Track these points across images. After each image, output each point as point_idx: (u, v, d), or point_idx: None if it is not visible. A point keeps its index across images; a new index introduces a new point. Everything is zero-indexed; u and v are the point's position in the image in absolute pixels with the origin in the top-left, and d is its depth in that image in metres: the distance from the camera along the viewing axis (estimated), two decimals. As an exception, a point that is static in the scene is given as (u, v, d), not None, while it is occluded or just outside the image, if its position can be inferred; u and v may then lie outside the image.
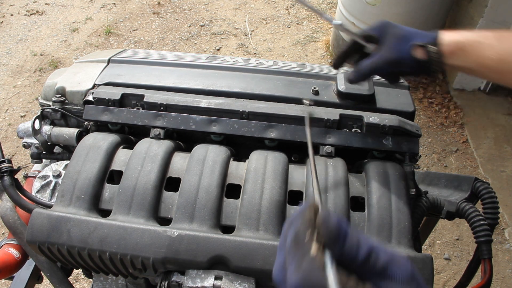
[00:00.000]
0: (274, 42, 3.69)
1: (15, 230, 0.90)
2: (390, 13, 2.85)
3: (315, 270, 0.37)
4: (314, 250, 0.37)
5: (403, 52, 0.79)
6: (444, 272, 2.34)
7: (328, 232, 0.39)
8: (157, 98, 0.99)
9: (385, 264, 0.40)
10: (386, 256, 0.40)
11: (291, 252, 0.39)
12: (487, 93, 3.20)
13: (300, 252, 0.38)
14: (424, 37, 0.78)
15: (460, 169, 2.77)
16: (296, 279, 0.37)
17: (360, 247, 0.39)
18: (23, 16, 4.00)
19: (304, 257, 0.38)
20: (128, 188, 0.83)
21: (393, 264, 0.40)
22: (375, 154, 0.97)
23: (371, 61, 0.82)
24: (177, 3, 4.10)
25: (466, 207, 0.96)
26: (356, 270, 0.40)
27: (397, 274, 0.40)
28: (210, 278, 0.74)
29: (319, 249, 0.38)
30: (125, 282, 0.94)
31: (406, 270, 0.40)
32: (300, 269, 0.37)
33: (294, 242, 0.39)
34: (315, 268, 0.37)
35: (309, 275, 0.36)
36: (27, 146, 1.07)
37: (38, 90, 3.26)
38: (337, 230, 0.39)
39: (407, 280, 0.39)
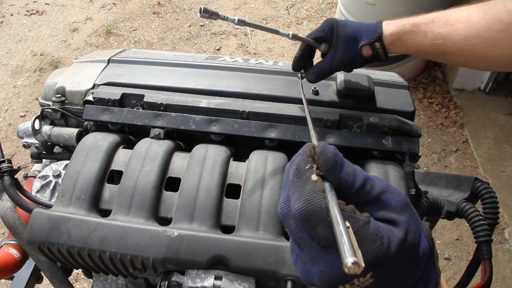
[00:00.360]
0: (274, 42, 3.69)
1: (15, 230, 0.90)
2: (390, 13, 2.85)
3: (316, 194, 0.38)
4: (314, 177, 0.40)
5: (354, 53, 0.88)
6: (444, 272, 2.34)
7: (326, 160, 0.40)
8: (157, 98, 0.99)
9: (380, 192, 0.41)
10: (381, 184, 0.42)
11: (293, 183, 0.41)
12: (487, 93, 3.20)
13: (301, 181, 0.40)
14: (369, 34, 0.86)
15: (460, 169, 2.77)
16: (299, 204, 0.38)
17: (357, 176, 0.41)
18: (23, 16, 4.00)
19: (305, 185, 0.39)
20: (128, 188, 0.83)
21: (387, 192, 0.41)
22: (375, 154, 0.97)
23: (326, 63, 0.91)
24: (177, 3, 4.10)
25: (466, 207, 0.96)
26: (353, 199, 0.41)
27: (391, 201, 0.41)
28: (210, 278, 0.74)
29: (319, 177, 0.40)
30: (125, 282, 0.94)
31: (400, 198, 0.41)
32: (302, 195, 0.39)
33: (296, 174, 0.41)
34: (316, 192, 0.38)
35: (310, 199, 0.38)
36: (27, 146, 1.07)
37: (38, 90, 3.26)
38: (334, 158, 0.41)
39: (400, 207, 0.41)
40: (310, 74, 0.95)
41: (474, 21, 0.77)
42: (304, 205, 0.38)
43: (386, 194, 0.41)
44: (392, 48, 0.87)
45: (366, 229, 0.38)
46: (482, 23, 0.76)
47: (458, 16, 0.81)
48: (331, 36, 0.89)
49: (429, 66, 3.39)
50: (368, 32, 0.87)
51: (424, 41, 0.84)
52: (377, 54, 0.87)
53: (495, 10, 0.75)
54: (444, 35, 0.81)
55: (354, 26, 0.89)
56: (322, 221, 0.38)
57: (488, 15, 0.75)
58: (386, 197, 0.41)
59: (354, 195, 0.41)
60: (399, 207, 0.41)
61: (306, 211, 0.38)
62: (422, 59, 3.22)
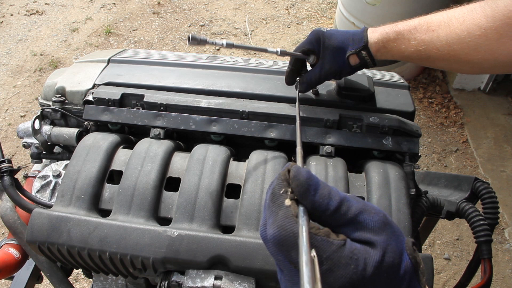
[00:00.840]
0: (274, 42, 3.69)
1: (15, 230, 0.90)
2: (390, 13, 2.85)
3: (288, 219, 0.38)
4: (288, 202, 0.40)
5: (341, 62, 0.90)
6: (444, 272, 2.34)
7: (298, 184, 0.40)
8: (157, 98, 0.99)
9: (356, 212, 0.40)
10: (358, 205, 0.41)
11: (269, 208, 0.41)
12: (487, 93, 3.20)
13: (275, 206, 0.40)
14: (355, 43, 0.87)
15: (460, 169, 2.77)
16: (273, 230, 0.39)
17: (332, 198, 0.41)
18: (23, 16, 4.00)
19: (279, 210, 0.40)
20: (128, 188, 0.83)
21: (364, 213, 0.41)
22: (375, 154, 0.97)
23: (315, 74, 0.92)
24: (177, 3, 4.10)
25: (466, 207, 0.96)
26: (329, 221, 0.41)
27: (368, 221, 0.40)
28: (210, 278, 0.74)
29: (293, 201, 0.40)
30: (125, 282, 0.94)
31: (378, 218, 0.41)
32: (276, 220, 0.39)
33: (271, 199, 0.41)
34: (288, 217, 0.39)
35: (283, 225, 0.38)
36: (27, 146, 1.07)
37: (38, 90, 3.26)
38: (307, 182, 0.40)
39: (378, 227, 0.40)
40: (300, 85, 0.97)
41: (454, 27, 0.78)
42: (277, 230, 0.39)
43: (363, 215, 0.41)
44: (378, 55, 0.88)
45: (340, 253, 0.38)
46: (462, 28, 0.77)
47: (439, 22, 0.82)
48: (318, 48, 0.91)
49: (429, 66, 3.39)
50: (354, 41, 0.88)
51: (408, 48, 0.84)
52: (364, 62, 0.89)
53: (474, 15, 0.75)
54: (427, 41, 0.82)
55: (340, 36, 0.89)
56: (294, 247, 0.38)
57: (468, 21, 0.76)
58: (363, 218, 0.40)
59: (330, 217, 0.40)
60: (377, 227, 0.40)
61: (279, 236, 0.38)
62: (422, 59, 3.21)
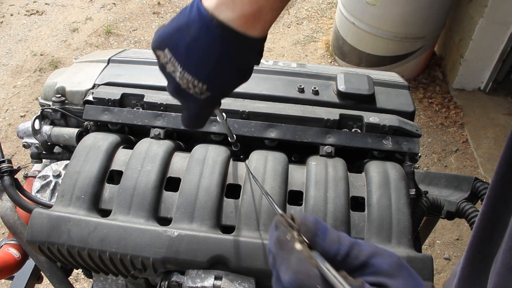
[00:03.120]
0: (274, 42, 3.69)
1: (15, 230, 0.90)
2: (390, 13, 2.85)
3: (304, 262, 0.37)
4: (298, 246, 0.38)
5: None
6: (444, 272, 2.34)
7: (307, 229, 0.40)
8: (157, 98, 0.99)
9: (368, 256, 0.39)
10: (370, 248, 0.40)
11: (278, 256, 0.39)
12: (487, 93, 3.20)
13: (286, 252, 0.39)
14: None
15: (460, 169, 2.77)
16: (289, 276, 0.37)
17: (341, 242, 0.40)
18: (23, 16, 3.99)
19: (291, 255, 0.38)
20: (128, 188, 0.83)
21: (377, 256, 0.40)
22: (375, 154, 0.97)
23: None
24: (177, 3, 4.10)
25: (466, 207, 0.97)
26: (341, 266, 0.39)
27: (382, 265, 0.39)
28: (210, 278, 0.74)
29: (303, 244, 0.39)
30: (125, 282, 0.94)
31: (392, 261, 0.40)
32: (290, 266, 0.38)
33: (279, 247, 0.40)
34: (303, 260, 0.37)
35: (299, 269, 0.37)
36: (27, 146, 1.07)
37: (38, 90, 3.26)
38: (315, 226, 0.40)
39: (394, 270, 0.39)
40: None
41: None
42: (293, 275, 0.37)
43: (375, 258, 0.39)
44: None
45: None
46: None
47: None
48: None
49: (429, 66, 3.40)
50: None
51: None
52: None
53: None
54: None
55: None
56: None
57: None
58: (376, 261, 0.39)
59: (341, 262, 0.39)
60: (392, 271, 0.39)
61: (297, 281, 0.37)
62: (422, 59, 3.22)
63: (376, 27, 2.95)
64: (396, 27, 2.90)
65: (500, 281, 0.43)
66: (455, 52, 3.19)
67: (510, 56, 2.98)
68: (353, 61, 3.30)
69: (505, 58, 2.99)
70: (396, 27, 2.90)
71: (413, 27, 2.89)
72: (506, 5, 2.74)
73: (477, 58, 3.04)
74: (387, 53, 3.10)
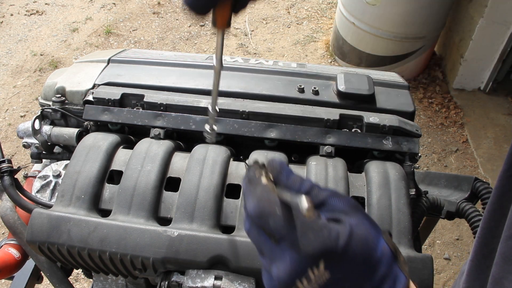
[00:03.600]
0: (274, 42, 3.69)
1: (15, 230, 0.90)
2: (390, 13, 2.85)
3: (267, 191, 0.41)
4: (264, 180, 0.43)
5: None
6: (444, 272, 2.34)
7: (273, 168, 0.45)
8: (157, 98, 0.99)
9: (326, 196, 0.43)
10: (328, 191, 0.44)
11: (246, 191, 0.43)
12: (487, 93, 3.20)
13: (253, 186, 0.43)
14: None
15: (460, 169, 2.77)
16: (253, 204, 0.41)
17: (303, 183, 0.44)
18: (23, 16, 3.99)
19: (256, 188, 0.42)
20: (128, 188, 0.83)
21: (334, 197, 0.43)
22: (375, 154, 0.97)
23: None
24: (177, 3, 4.10)
25: (466, 207, 0.97)
26: None
27: (338, 204, 0.42)
28: (210, 278, 0.74)
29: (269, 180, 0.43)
30: (125, 282, 0.94)
31: (349, 201, 0.43)
32: (255, 196, 0.42)
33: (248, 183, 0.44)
34: (267, 190, 0.41)
35: (261, 196, 0.41)
36: (27, 146, 1.07)
37: (38, 90, 3.26)
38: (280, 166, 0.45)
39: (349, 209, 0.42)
40: None
41: None
42: (256, 202, 0.41)
43: (333, 198, 0.43)
44: None
45: (315, 220, 0.39)
46: None
47: None
48: None
49: (429, 66, 3.40)
50: None
51: None
52: None
53: None
54: None
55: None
56: (272, 213, 0.40)
57: None
58: (333, 201, 0.43)
59: None
60: (347, 209, 0.42)
61: (258, 207, 0.41)
62: (422, 59, 3.22)
63: (376, 27, 2.95)
64: (396, 27, 2.90)
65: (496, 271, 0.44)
66: (455, 52, 3.19)
67: (510, 56, 2.98)
68: (353, 61, 3.30)
69: (505, 58, 2.99)
70: (396, 27, 2.90)
71: (413, 27, 2.89)
72: (506, 5, 2.74)
73: (477, 58, 3.04)
74: (387, 53, 3.10)
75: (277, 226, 0.39)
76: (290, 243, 0.39)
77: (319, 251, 0.38)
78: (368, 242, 0.41)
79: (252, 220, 0.42)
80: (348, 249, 0.39)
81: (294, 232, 0.39)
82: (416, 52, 3.07)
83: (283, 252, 0.40)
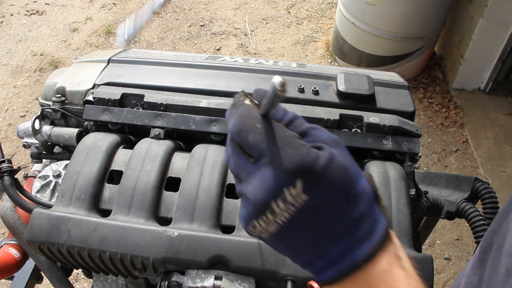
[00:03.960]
0: (274, 42, 3.69)
1: (15, 230, 0.90)
2: (390, 13, 2.85)
3: (249, 108, 0.40)
4: (247, 101, 0.42)
5: None
6: (444, 272, 2.34)
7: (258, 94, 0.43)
8: (157, 98, 0.99)
9: (309, 128, 0.42)
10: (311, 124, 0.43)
11: (229, 112, 0.42)
12: (487, 93, 3.20)
13: (236, 107, 0.42)
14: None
15: (460, 169, 2.77)
16: (234, 121, 0.40)
17: (287, 113, 0.43)
18: (23, 16, 3.99)
19: (239, 107, 0.41)
20: (128, 188, 0.83)
21: (317, 129, 0.42)
22: (375, 154, 0.97)
23: None
24: (177, 3, 4.10)
25: (466, 207, 0.97)
26: None
27: (320, 135, 0.41)
28: (210, 278, 0.74)
29: (252, 102, 0.42)
30: (125, 282, 0.94)
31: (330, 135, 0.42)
32: (237, 114, 0.41)
33: (232, 107, 0.42)
34: (249, 107, 0.40)
35: (243, 113, 0.40)
36: (27, 146, 1.07)
37: (38, 90, 3.26)
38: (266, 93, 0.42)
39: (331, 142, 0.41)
40: None
41: None
42: (237, 118, 0.40)
43: (316, 130, 0.42)
44: None
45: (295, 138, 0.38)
46: None
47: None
48: None
49: (429, 66, 3.40)
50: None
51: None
52: None
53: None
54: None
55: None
56: (252, 127, 0.39)
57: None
58: (316, 132, 0.42)
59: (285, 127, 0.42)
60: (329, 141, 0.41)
61: (238, 123, 0.40)
62: (422, 59, 3.22)
63: (376, 27, 2.95)
64: (396, 27, 2.90)
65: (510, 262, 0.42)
66: (455, 52, 3.19)
67: (510, 56, 2.98)
68: (353, 61, 3.30)
69: (505, 58, 2.99)
70: (396, 27, 2.90)
71: (413, 27, 2.89)
72: (506, 5, 2.74)
73: (477, 58, 3.04)
74: (387, 53, 3.10)
75: (256, 140, 0.38)
76: (268, 159, 0.37)
77: (297, 167, 0.36)
78: (348, 173, 0.39)
79: (232, 140, 0.41)
80: (327, 172, 0.37)
81: (273, 148, 0.37)
82: (416, 52, 3.07)
83: (259, 170, 0.38)
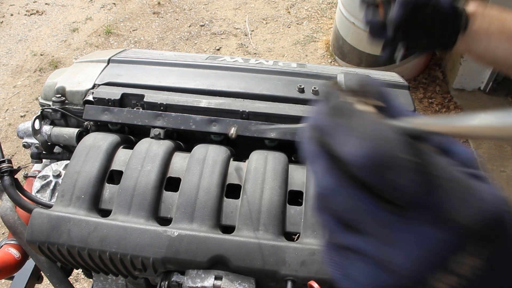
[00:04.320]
0: (274, 42, 3.69)
1: (15, 230, 0.90)
2: (390, 13, 2.85)
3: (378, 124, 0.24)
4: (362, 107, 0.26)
5: None
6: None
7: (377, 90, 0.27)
8: (157, 98, 0.99)
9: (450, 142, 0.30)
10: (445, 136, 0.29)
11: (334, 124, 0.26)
12: (487, 93, 3.20)
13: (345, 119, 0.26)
14: None
15: (460, 169, 2.77)
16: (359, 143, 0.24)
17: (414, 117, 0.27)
18: (23, 16, 4.00)
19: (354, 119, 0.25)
20: (128, 188, 0.83)
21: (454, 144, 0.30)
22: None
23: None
24: (177, 3, 4.10)
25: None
26: None
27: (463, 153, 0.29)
28: (210, 278, 0.74)
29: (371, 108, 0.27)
30: (125, 282, 0.94)
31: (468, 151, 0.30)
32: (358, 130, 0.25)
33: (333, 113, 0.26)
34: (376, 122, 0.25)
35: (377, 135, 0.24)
36: (27, 146, 1.07)
37: (38, 90, 3.26)
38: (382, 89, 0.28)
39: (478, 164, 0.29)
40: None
41: None
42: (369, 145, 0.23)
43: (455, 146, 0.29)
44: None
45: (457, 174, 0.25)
46: None
47: None
48: None
49: (429, 66, 3.40)
50: None
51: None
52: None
53: None
54: None
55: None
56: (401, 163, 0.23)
57: None
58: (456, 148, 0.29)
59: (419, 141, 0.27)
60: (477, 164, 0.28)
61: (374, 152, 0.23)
62: (422, 59, 3.22)
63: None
64: (396, 27, 2.90)
65: None
66: (455, 52, 3.19)
67: (510, 56, 2.98)
68: (353, 61, 3.30)
69: (505, 58, 2.99)
70: (396, 27, 2.90)
71: (413, 27, 2.89)
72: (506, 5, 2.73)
73: (477, 58, 3.04)
74: (387, 53, 3.09)
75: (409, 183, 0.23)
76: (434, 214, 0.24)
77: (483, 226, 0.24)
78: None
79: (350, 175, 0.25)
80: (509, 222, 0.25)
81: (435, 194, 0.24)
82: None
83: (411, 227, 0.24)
